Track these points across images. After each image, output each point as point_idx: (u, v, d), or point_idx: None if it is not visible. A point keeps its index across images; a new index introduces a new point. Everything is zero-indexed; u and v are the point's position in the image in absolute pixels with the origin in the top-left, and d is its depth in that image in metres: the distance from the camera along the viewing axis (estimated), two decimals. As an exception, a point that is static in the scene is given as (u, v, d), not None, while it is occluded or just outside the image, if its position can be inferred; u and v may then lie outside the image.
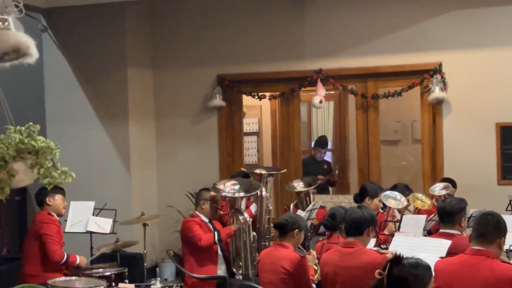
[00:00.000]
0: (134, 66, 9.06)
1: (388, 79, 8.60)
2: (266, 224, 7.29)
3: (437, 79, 8.18)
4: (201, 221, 6.86)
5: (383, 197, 6.78)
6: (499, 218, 4.29)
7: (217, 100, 9.03)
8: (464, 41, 8.21)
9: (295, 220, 5.50)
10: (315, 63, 8.73)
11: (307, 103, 10.28)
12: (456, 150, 8.24)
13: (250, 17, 9.06)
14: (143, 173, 9.16)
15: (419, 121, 8.75)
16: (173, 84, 9.35)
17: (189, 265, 6.80)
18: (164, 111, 9.39)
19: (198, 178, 8.77)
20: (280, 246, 5.42)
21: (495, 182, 8.13)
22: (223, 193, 6.87)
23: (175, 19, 9.36)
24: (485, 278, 4.05)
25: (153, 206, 9.15)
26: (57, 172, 3.36)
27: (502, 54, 8.07)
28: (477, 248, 4.19)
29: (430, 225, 6.50)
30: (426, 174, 8.46)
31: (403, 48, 8.43)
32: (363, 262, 4.71)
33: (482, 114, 8.15)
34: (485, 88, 8.13)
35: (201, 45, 9.23)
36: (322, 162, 9.79)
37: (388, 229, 6.51)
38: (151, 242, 8.77)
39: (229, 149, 9.25)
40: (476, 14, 8.16)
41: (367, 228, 4.89)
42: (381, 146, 8.87)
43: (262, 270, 5.48)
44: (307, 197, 7.56)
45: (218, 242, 6.77)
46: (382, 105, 8.86)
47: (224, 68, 9.13)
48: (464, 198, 5.73)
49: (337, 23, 8.70)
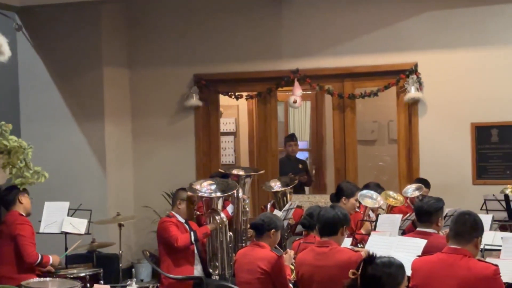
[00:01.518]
0: (110, 65, 9.00)
1: (364, 79, 8.62)
2: (243, 225, 7.27)
3: (413, 79, 8.22)
4: (178, 222, 6.82)
5: (359, 196, 6.80)
6: (476, 218, 4.33)
7: (193, 100, 8.99)
8: (439, 41, 8.26)
9: (272, 220, 5.49)
10: (292, 63, 8.73)
11: (284, 103, 10.29)
12: (431, 150, 8.28)
13: (227, 17, 9.04)
14: (119, 173, 9.10)
15: (395, 121, 8.79)
16: (150, 84, 9.30)
17: (166, 265, 6.76)
18: (141, 110, 9.34)
19: (174, 178, 8.73)
20: (257, 246, 5.41)
21: (470, 181, 8.19)
22: (199, 193, 6.84)
23: (151, 18, 9.31)
24: (462, 277, 4.07)
25: (129, 207, 9.09)
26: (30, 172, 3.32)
27: (477, 55, 8.13)
28: (454, 247, 4.21)
29: (405, 225, 6.53)
30: (402, 173, 8.50)
31: (379, 48, 8.46)
32: (338, 261, 4.72)
33: (458, 114, 8.20)
34: (460, 88, 8.19)
35: (178, 44, 9.20)
36: (297, 161, 9.78)
37: (364, 228, 6.53)
38: (127, 242, 8.72)
39: (206, 149, 9.22)
40: (452, 14, 8.22)
41: (341, 228, 4.90)
42: (358, 146, 8.90)
43: (239, 270, 5.46)
44: (284, 197, 7.56)
45: (195, 242, 6.74)
46: (358, 105, 8.88)
47: (201, 68, 9.10)
48: (441, 198, 5.76)
49: (314, 23, 8.72)
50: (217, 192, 6.83)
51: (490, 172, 8.17)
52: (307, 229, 6.11)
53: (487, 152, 8.18)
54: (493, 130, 8.13)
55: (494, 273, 4.07)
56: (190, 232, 6.74)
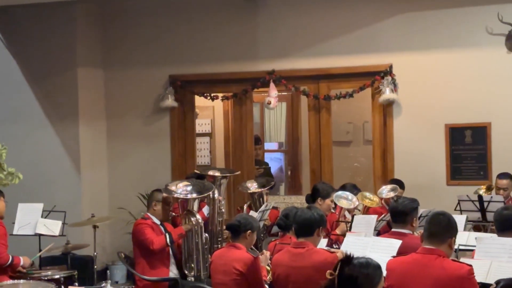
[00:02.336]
0: (85, 66, 8.95)
1: (340, 80, 8.66)
2: (218, 226, 7.25)
3: (388, 80, 8.27)
4: (153, 223, 6.79)
5: (335, 197, 6.82)
6: (450, 218, 4.35)
7: (169, 101, 8.97)
8: (414, 43, 8.32)
9: (248, 221, 5.48)
10: (268, 64, 8.74)
11: (260, 104, 10.29)
12: (406, 151, 8.34)
13: (203, 18, 9.02)
14: (93, 175, 9.04)
15: (370, 122, 8.83)
16: (125, 85, 9.25)
17: (141, 267, 6.72)
18: (116, 111, 9.29)
19: (150, 179, 8.71)
20: (232, 247, 5.40)
21: (444, 182, 8.25)
22: (175, 194, 6.81)
23: (127, 19, 9.26)
24: (436, 276, 4.10)
25: (104, 208, 9.03)
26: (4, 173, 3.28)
27: (451, 56, 8.21)
28: (429, 247, 4.23)
29: (380, 225, 6.56)
30: (377, 174, 8.55)
31: (354, 50, 8.50)
32: (314, 262, 4.72)
33: (432, 115, 8.27)
34: (434, 90, 8.25)
35: (153, 45, 9.16)
36: (259, 163, 9.79)
37: (340, 229, 6.55)
38: (102, 244, 8.67)
39: (181, 150, 9.19)
40: (426, 16, 8.28)
41: (317, 228, 4.91)
42: (333, 147, 8.93)
43: (214, 272, 5.45)
44: (261, 198, 7.56)
45: (170, 244, 6.71)
46: (334, 106, 8.92)
47: (176, 69, 9.08)
48: (416, 199, 5.79)
49: (290, 25, 8.74)
50: (193, 193, 6.81)
51: (464, 173, 8.24)
52: (283, 230, 6.12)
53: (461, 153, 8.25)
54: (467, 131, 8.21)
55: (468, 273, 4.09)
56: (165, 234, 6.72)
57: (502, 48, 8.02)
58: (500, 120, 8.07)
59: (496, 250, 4.79)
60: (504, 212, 5.09)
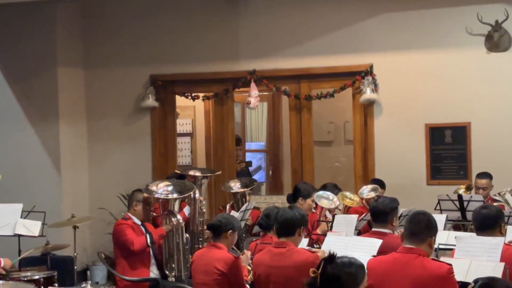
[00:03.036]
0: (65, 66, 8.90)
1: (321, 80, 8.68)
2: (199, 226, 7.24)
3: (368, 80, 8.30)
4: (134, 224, 6.76)
5: (315, 197, 6.83)
6: (430, 218, 4.37)
7: (150, 101, 8.94)
8: (394, 43, 8.35)
9: (229, 220, 5.47)
10: (249, 64, 8.74)
11: (241, 104, 10.29)
12: (387, 151, 8.37)
13: (184, 17, 9.00)
14: (74, 175, 9.00)
15: (351, 122, 8.85)
16: (105, 84, 9.21)
17: (121, 267, 6.69)
18: (96, 111, 9.25)
19: (130, 180, 8.67)
20: (214, 247, 5.39)
21: (424, 182, 8.30)
22: (156, 195, 6.79)
23: (107, 19, 9.22)
24: (417, 276, 4.11)
25: (84, 208, 8.99)
26: (-18, 173, 3.25)
27: (431, 56, 8.25)
28: (409, 247, 4.25)
29: (361, 225, 6.58)
30: (358, 174, 8.58)
31: (335, 50, 8.52)
32: (295, 262, 4.73)
33: (412, 115, 8.31)
34: (414, 90, 8.29)
35: (134, 44, 9.13)
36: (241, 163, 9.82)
37: (320, 228, 6.56)
38: (82, 244, 8.62)
39: (162, 150, 9.17)
40: (406, 17, 8.32)
41: (298, 228, 4.91)
42: (314, 146, 8.95)
43: (195, 272, 5.43)
44: (244, 198, 7.55)
45: (151, 244, 6.69)
46: (315, 106, 8.94)
47: (157, 68, 9.05)
48: (396, 198, 5.81)
49: (271, 25, 8.74)
50: (174, 193, 6.78)
51: (444, 172, 8.29)
52: (264, 230, 6.12)
53: (441, 152, 8.30)
54: (447, 131, 8.26)
55: (448, 272, 4.12)
56: (146, 235, 6.69)
57: (482, 48, 8.08)
58: (479, 120, 8.12)
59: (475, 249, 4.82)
60: (482, 211, 5.12)
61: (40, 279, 6.24)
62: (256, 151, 11.32)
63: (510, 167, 7.89)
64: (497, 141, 8.04)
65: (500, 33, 7.96)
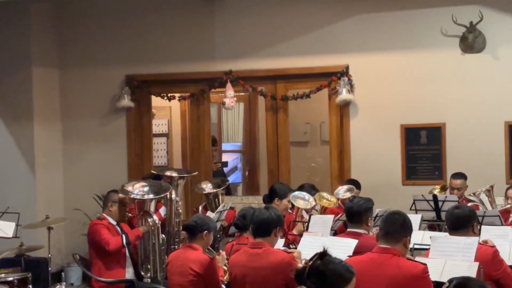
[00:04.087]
0: (40, 65, 8.84)
1: (297, 81, 8.69)
2: (175, 227, 7.21)
3: (344, 81, 8.33)
4: (109, 224, 6.72)
5: (291, 197, 6.83)
6: (405, 218, 4.40)
7: (125, 101, 8.90)
8: (370, 44, 8.39)
9: (204, 221, 5.46)
10: (226, 64, 8.73)
11: (218, 104, 10.27)
12: (362, 151, 8.41)
13: (160, 17, 8.97)
14: (48, 175, 8.93)
15: (327, 123, 8.88)
16: (81, 84, 9.16)
17: (96, 268, 6.65)
18: (71, 111, 9.19)
19: (106, 180, 8.61)
20: (189, 248, 5.37)
21: (399, 182, 8.34)
22: (131, 195, 6.76)
23: (83, 18, 9.17)
24: (392, 275, 4.14)
25: (59, 209, 8.93)
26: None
27: (406, 57, 8.30)
28: (384, 247, 4.27)
29: (337, 225, 6.59)
30: (334, 174, 8.60)
31: (311, 50, 8.54)
32: (271, 262, 4.73)
33: (387, 116, 8.35)
34: (390, 90, 8.34)
35: (109, 44, 9.08)
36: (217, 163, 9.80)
37: (296, 229, 6.57)
38: (57, 246, 8.56)
39: (138, 150, 9.12)
40: (382, 18, 8.36)
41: (274, 229, 4.91)
42: (291, 147, 8.96)
43: (171, 273, 5.41)
44: (216, 198, 7.53)
45: (127, 245, 6.66)
46: (291, 107, 8.95)
47: (133, 68, 9.01)
48: (371, 198, 5.83)
49: (247, 25, 8.74)
50: (150, 194, 6.76)
51: (419, 173, 8.34)
52: (240, 230, 6.11)
53: (416, 153, 8.34)
54: (422, 131, 8.31)
55: (423, 272, 4.14)
56: (121, 235, 6.66)
57: (457, 49, 8.14)
58: (454, 120, 8.18)
59: (450, 249, 4.85)
60: (455, 211, 5.16)
61: (14, 281, 6.20)
62: (232, 152, 11.31)
63: (484, 168, 7.96)
64: (471, 141, 8.10)
65: (474, 35, 8.02)
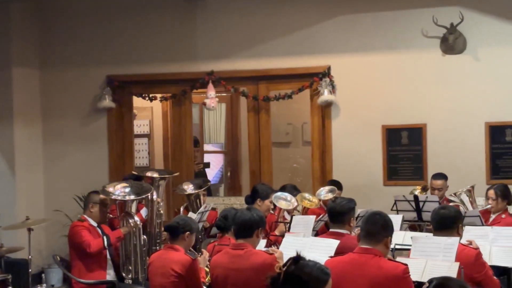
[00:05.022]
0: (20, 66, 8.78)
1: (279, 81, 8.69)
2: (157, 228, 7.19)
3: (326, 82, 8.34)
4: (90, 225, 6.69)
5: (273, 198, 6.84)
6: (386, 218, 4.41)
7: (106, 101, 8.86)
8: (351, 45, 8.41)
9: (187, 222, 5.44)
10: (207, 65, 8.72)
11: (199, 105, 10.25)
12: (344, 152, 8.42)
13: (141, 17, 8.94)
14: (29, 176, 8.87)
15: (309, 123, 8.89)
16: (61, 85, 9.10)
17: (77, 270, 6.61)
18: (52, 112, 9.13)
19: (87, 181, 8.58)
20: (171, 249, 5.35)
21: (381, 182, 8.37)
22: (113, 196, 6.72)
23: (64, 18, 9.12)
24: (373, 276, 4.15)
25: (39, 210, 8.87)
26: None
27: (387, 58, 8.33)
28: (365, 247, 4.28)
29: (319, 226, 6.61)
30: (315, 175, 8.61)
31: (293, 51, 8.55)
32: (253, 264, 4.72)
33: (369, 117, 8.37)
34: (371, 91, 8.36)
35: (90, 44, 9.04)
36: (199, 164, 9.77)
37: (278, 229, 6.57)
38: (37, 247, 8.50)
39: (119, 151, 9.08)
40: (363, 19, 8.39)
41: (256, 230, 4.90)
42: (273, 148, 8.96)
43: (152, 274, 5.39)
44: (198, 199, 7.52)
45: (108, 247, 6.62)
46: (273, 107, 8.95)
47: (114, 69, 8.97)
48: (353, 199, 5.85)
49: (229, 26, 8.73)
50: (131, 195, 6.72)
51: (400, 173, 8.37)
52: (222, 231, 6.10)
53: (398, 154, 8.38)
54: (403, 132, 8.34)
55: (404, 272, 4.16)
56: (103, 237, 6.62)
57: (437, 50, 8.18)
58: (435, 121, 8.23)
59: (431, 249, 4.87)
60: (441, 211, 5.17)
61: (-6, 283, 6.15)
62: (214, 152, 11.29)
63: (465, 168, 8.01)
64: (452, 142, 8.15)
65: (455, 36, 8.07)
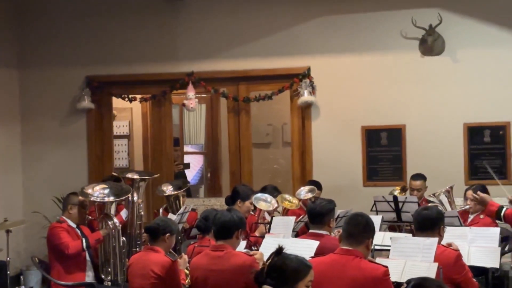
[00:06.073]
0: (-2, 66, 8.71)
1: (259, 82, 8.70)
2: (137, 229, 7.16)
3: (306, 83, 8.36)
4: (69, 227, 6.65)
5: (253, 199, 6.84)
6: (368, 220, 4.42)
7: (85, 102, 8.81)
8: (331, 46, 8.44)
9: (167, 223, 5.43)
10: (188, 66, 8.71)
11: (179, 105, 10.23)
12: (324, 153, 8.45)
13: (121, 17, 8.90)
14: (7, 178, 8.80)
15: (289, 124, 8.91)
16: (40, 85, 9.05)
17: (56, 272, 6.57)
18: (30, 113, 9.08)
19: (66, 183, 8.53)
20: (151, 251, 5.33)
21: (360, 183, 8.41)
22: (92, 198, 6.68)
23: (42, 18, 9.06)
24: (353, 277, 4.16)
25: (17, 212, 8.80)
26: None
27: (367, 59, 8.37)
28: (346, 248, 4.29)
29: (299, 227, 6.61)
30: (296, 176, 8.63)
31: (274, 52, 8.56)
32: (233, 265, 4.72)
33: (348, 118, 8.41)
34: (351, 92, 8.40)
35: (69, 45, 8.99)
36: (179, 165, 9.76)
37: (259, 231, 6.57)
38: (16, 249, 8.43)
39: (99, 152, 9.04)
40: (343, 20, 8.42)
41: (236, 231, 4.90)
42: (253, 148, 8.97)
43: (132, 275, 5.37)
44: (177, 200, 7.49)
45: (87, 249, 6.58)
46: (253, 108, 8.96)
47: (94, 69, 8.92)
48: (333, 200, 5.85)
49: (209, 27, 8.72)
50: (110, 196, 6.69)
51: (380, 174, 8.41)
52: (203, 232, 6.09)
53: (377, 154, 8.41)
54: (383, 133, 8.39)
55: (384, 274, 4.17)
56: (82, 239, 6.58)
57: (416, 52, 8.23)
58: (414, 122, 8.27)
59: (410, 249, 4.89)
60: (423, 212, 5.17)
61: (-29, 285, 6.09)
62: (194, 153, 11.27)
63: (443, 169, 8.06)
64: (431, 143, 8.20)
65: (433, 37, 8.12)
